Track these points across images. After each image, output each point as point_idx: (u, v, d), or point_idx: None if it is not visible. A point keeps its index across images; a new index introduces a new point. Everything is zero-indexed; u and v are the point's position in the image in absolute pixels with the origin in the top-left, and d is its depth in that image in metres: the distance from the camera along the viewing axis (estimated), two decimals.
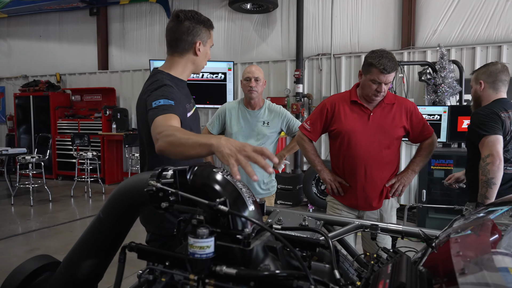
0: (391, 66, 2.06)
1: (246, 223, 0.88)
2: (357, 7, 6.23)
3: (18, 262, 3.88)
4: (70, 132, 8.10)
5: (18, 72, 9.52)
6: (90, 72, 8.73)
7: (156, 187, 0.92)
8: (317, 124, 2.35)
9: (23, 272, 1.17)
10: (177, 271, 0.86)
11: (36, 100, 8.55)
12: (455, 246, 0.89)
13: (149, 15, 8.03)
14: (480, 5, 5.41)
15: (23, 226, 5.12)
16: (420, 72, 5.17)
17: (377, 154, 2.19)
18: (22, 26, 9.41)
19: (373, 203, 2.23)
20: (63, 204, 6.23)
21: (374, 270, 1.11)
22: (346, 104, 2.29)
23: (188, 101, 1.78)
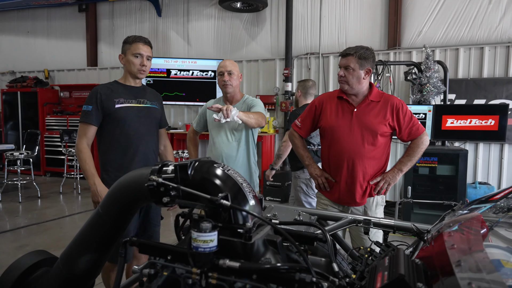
0: (346, 50, 2.22)
1: (247, 217, 0.88)
2: (345, 7, 6.27)
3: (7, 259, 3.81)
4: (58, 129, 7.95)
5: (5, 68, 9.29)
6: (79, 69, 8.58)
7: (157, 182, 0.91)
8: (306, 120, 2.42)
9: (20, 268, 1.14)
10: (179, 265, 0.85)
11: (24, 96, 8.36)
12: (449, 239, 0.91)
13: (138, 12, 7.92)
14: (463, 7, 5.50)
15: (11, 222, 5.01)
16: (406, 72, 5.24)
17: (360, 149, 2.20)
18: (9, 21, 9.17)
19: (357, 198, 2.24)
20: (52, 201, 6.12)
21: (368, 263, 1.13)
22: (333, 101, 2.34)
23: (125, 97, 2.26)
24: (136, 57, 2.25)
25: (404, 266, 0.78)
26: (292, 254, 0.97)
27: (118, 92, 2.27)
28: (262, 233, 0.90)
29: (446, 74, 5.03)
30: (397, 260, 0.82)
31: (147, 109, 2.33)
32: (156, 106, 2.39)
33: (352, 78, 2.20)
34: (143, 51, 2.26)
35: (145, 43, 2.28)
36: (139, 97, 2.31)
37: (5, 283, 1.12)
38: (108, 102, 2.21)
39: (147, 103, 2.33)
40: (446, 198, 2.66)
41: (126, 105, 2.25)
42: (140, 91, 2.36)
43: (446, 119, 4.59)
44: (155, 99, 2.41)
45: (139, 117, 2.27)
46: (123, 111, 2.23)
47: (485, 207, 1.27)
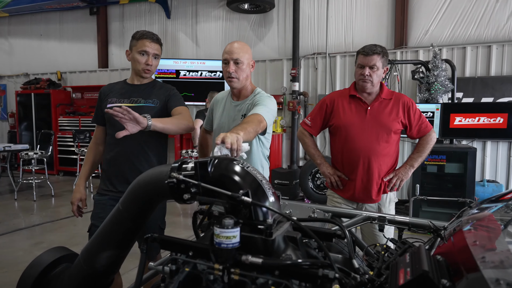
0: (370, 48, 2.15)
1: (267, 213, 0.87)
2: (351, 8, 6.23)
3: (24, 256, 3.85)
4: (71, 129, 8.02)
5: (19, 70, 9.38)
6: (91, 70, 8.64)
7: (178, 179, 0.91)
8: (317, 119, 2.37)
9: (42, 263, 1.15)
10: (200, 261, 0.85)
11: (38, 98, 8.44)
12: (470, 236, 0.89)
13: (148, 14, 7.95)
14: (470, 6, 5.43)
15: (26, 220, 5.06)
16: (413, 71, 5.19)
17: (375, 147, 2.19)
18: (23, 25, 9.26)
19: (373, 195, 2.23)
20: (65, 199, 6.17)
21: (385, 260, 1.11)
22: (345, 99, 2.30)
23: (118, 97, 2.08)
24: (141, 55, 2.05)
25: (427, 263, 0.76)
26: (311, 250, 0.95)
27: (115, 92, 2.13)
28: (282, 230, 0.89)
29: (453, 72, 4.97)
30: (419, 256, 0.81)
31: (137, 109, 1.88)
32: (152, 104, 2.06)
33: (376, 77, 2.18)
34: (149, 49, 2.05)
35: (152, 40, 2.06)
36: (134, 95, 2.09)
37: (28, 278, 1.13)
38: (104, 102, 2.11)
39: (140, 101, 2.06)
40: (455, 196, 2.63)
41: (115, 105, 2.01)
42: (142, 89, 2.11)
43: (454, 118, 4.53)
44: (156, 95, 2.09)
45: None
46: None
47: (496, 207, 1.25)
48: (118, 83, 2.20)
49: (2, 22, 9.44)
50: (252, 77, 7.43)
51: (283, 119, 6.71)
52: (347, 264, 0.94)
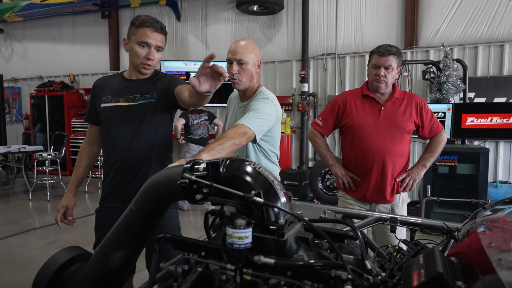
0: (386, 48, 2.13)
1: (279, 214, 0.87)
2: (361, 8, 6.19)
3: (38, 255, 3.90)
4: (83, 131, 8.12)
5: (33, 73, 9.55)
6: (102, 73, 8.74)
7: (190, 179, 0.91)
8: (328, 119, 2.34)
9: (56, 263, 1.16)
10: (213, 261, 0.85)
11: (51, 100, 8.58)
12: (485, 237, 0.88)
13: (158, 17, 8.01)
14: (482, 5, 5.35)
15: (40, 220, 5.14)
16: (424, 71, 5.13)
17: (390, 147, 2.18)
18: (37, 29, 9.43)
19: (387, 195, 2.22)
20: (77, 199, 6.15)
21: (397, 261, 1.10)
22: (357, 99, 2.28)
23: (114, 95, 1.79)
24: (141, 47, 1.69)
25: (441, 264, 0.75)
26: (323, 251, 0.95)
27: (109, 88, 1.83)
28: (294, 230, 0.88)
29: (465, 72, 4.89)
30: (433, 258, 0.80)
31: (135, 108, 1.75)
32: (150, 99, 1.76)
33: (391, 77, 2.17)
34: (151, 40, 1.69)
35: (155, 30, 1.69)
36: (131, 93, 1.78)
37: (43, 277, 1.14)
38: (98, 100, 1.83)
39: (138, 99, 1.75)
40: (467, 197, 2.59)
41: (110, 105, 1.78)
42: (140, 85, 1.79)
43: (466, 118, 4.47)
44: (154, 88, 1.79)
45: (122, 119, 1.75)
46: (105, 113, 1.79)
47: (510, 208, 1.23)
48: (115, 77, 1.88)
49: (17, 26, 9.62)
50: (261, 79, 7.45)
51: (293, 120, 6.70)
52: (359, 265, 0.93)
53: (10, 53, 9.95)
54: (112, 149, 1.78)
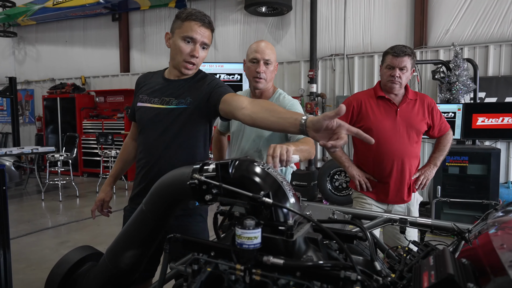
0: (401, 49, 2.10)
1: (288, 214, 0.87)
2: (369, 8, 6.15)
3: (50, 254, 3.94)
4: (94, 132, 8.21)
5: (45, 76, 9.69)
6: (113, 75, 8.84)
7: (200, 180, 0.91)
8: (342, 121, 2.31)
9: (69, 262, 1.18)
10: (222, 261, 0.85)
11: (63, 102, 8.70)
12: (497, 239, 0.86)
13: (168, 19, 8.07)
14: (493, 3, 5.27)
15: (53, 220, 5.21)
16: (434, 70, 5.07)
17: (408, 149, 2.17)
18: (49, 32, 9.57)
19: (405, 196, 2.21)
20: (89, 200, 6.32)
21: (407, 263, 1.09)
22: (372, 100, 2.24)
23: (150, 95, 1.66)
24: (186, 42, 1.53)
25: (452, 266, 0.74)
26: (332, 252, 0.94)
27: (148, 86, 1.70)
28: (303, 231, 0.88)
29: (476, 72, 4.82)
30: (443, 259, 0.79)
31: (167, 112, 1.61)
32: (184, 105, 1.60)
33: (405, 78, 2.15)
34: (198, 35, 1.52)
35: (203, 24, 1.53)
36: (166, 94, 1.63)
37: (56, 276, 1.16)
38: (136, 97, 1.73)
39: (172, 103, 1.60)
40: (478, 198, 2.55)
41: (144, 105, 1.67)
42: (178, 86, 1.63)
43: (476, 118, 4.40)
44: (191, 92, 1.61)
45: (153, 122, 1.63)
46: (139, 113, 1.69)
47: None
48: (156, 74, 1.75)
49: (30, 30, 9.78)
50: None
51: None
52: (369, 266, 0.93)
53: (23, 56, 10.12)
54: (143, 150, 1.68)
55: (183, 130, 1.60)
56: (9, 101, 8.81)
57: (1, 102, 10.37)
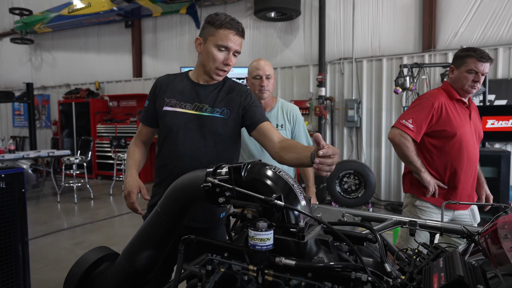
0: (486, 54, 2.00)
1: (299, 216, 0.88)
2: (377, 12, 6.12)
3: (66, 254, 4.00)
4: (108, 136, 8.33)
5: (61, 81, 9.87)
6: (126, 80, 8.96)
7: (214, 183, 0.93)
8: (422, 124, 2.08)
9: (87, 261, 1.21)
10: (235, 262, 0.87)
11: (78, 106, 8.85)
12: (507, 241, 0.86)
13: (179, 25, 8.16)
14: (502, 6, 5.20)
15: (68, 221, 5.30)
16: (442, 74, 5.02)
17: (477, 154, 2.14)
18: (65, 39, 9.76)
19: (473, 201, 2.18)
20: (103, 202, 6.41)
21: (417, 265, 1.09)
22: (450, 103, 2.10)
23: (178, 98, 1.62)
24: (220, 50, 1.53)
25: (462, 267, 0.75)
26: (342, 253, 0.95)
27: (175, 90, 1.64)
28: (314, 233, 0.89)
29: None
30: (453, 261, 0.79)
31: (203, 119, 1.59)
32: (220, 115, 1.60)
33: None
34: (232, 44, 1.52)
35: (237, 33, 1.53)
36: (198, 100, 1.61)
37: (74, 275, 1.19)
38: (160, 100, 1.65)
39: (207, 110, 1.59)
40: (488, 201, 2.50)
41: (175, 110, 1.60)
42: (210, 92, 1.62)
43: (486, 120, 4.34)
44: (226, 102, 1.63)
45: (188, 128, 1.60)
46: (169, 118, 1.61)
47: None
48: (179, 77, 1.69)
49: (46, 37, 9.99)
50: (279, 83, 7.42)
51: (310, 123, 6.68)
52: (379, 268, 0.93)
53: (40, 62, 10.33)
54: (175, 155, 1.61)
55: (221, 139, 1.61)
56: (26, 106, 8.99)
57: (18, 107, 10.59)
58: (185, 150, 1.59)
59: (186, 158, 1.59)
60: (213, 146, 1.60)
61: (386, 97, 6.03)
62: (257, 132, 1.57)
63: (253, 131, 1.59)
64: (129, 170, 1.66)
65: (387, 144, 6.03)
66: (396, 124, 2.14)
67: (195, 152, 1.59)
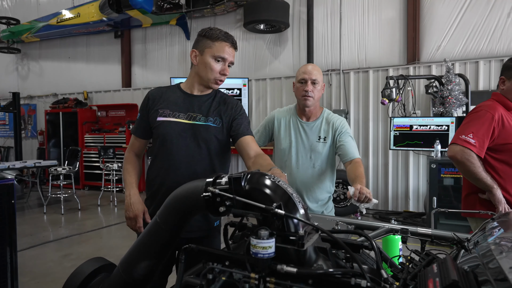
0: None
1: (299, 225, 0.90)
2: (364, 25, 6.28)
3: (53, 267, 3.91)
4: (96, 146, 8.23)
5: (48, 91, 9.75)
6: (115, 90, 8.90)
7: (214, 193, 0.94)
8: (484, 138, 1.95)
9: (83, 273, 1.20)
10: (237, 270, 0.88)
11: (65, 116, 8.73)
12: (496, 247, 0.90)
13: (169, 36, 8.19)
14: (482, 21, 5.41)
15: (55, 233, 5.18)
16: (427, 85, 5.17)
17: None
18: (53, 48, 9.67)
19: None
20: (91, 213, 6.30)
21: (410, 271, 1.12)
22: (507, 113, 2.01)
23: (172, 109, 1.67)
24: (217, 61, 1.61)
25: (456, 272, 0.77)
26: (339, 260, 0.97)
27: (168, 101, 1.68)
28: (312, 241, 0.91)
29: (467, 86, 4.93)
30: (447, 266, 0.82)
31: (196, 128, 1.65)
32: (213, 124, 1.67)
33: None
34: (228, 55, 1.62)
35: (232, 45, 1.64)
36: (192, 110, 1.67)
37: (71, 287, 1.18)
38: (153, 112, 1.69)
39: (200, 119, 1.65)
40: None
41: (169, 120, 1.65)
42: (202, 102, 1.69)
43: None
44: (217, 112, 1.70)
45: (182, 137, 1.64)
46: (163, 128, 1.65)
47: None
48: (171, 89, 1.74)
49: (34, 46, 9.88)
50: (268, 94, 7.50)
51: None
52: (375, 274, 0.96)
53: (27, 71, 10.19)
54: (169, 164, 1.64)
55: (215, 147, 1.67)
56: (11, 115, 8.82)
57: (3, 117, 10.39)
58: (180, 158, 1.64)
59: (181, 165, 1.63)
60: (207, 154, 1.66)
61: (373, 108, 6.15)
62: (238, 144, 1.65)
63: (235, 143, 1.68)
64: (131, 189, 1.70)
65: (374, 153, 6.13)
66: (455, 140, 1.99)
67: (190, 159, 1.64)
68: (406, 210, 5.87)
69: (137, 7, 6.99)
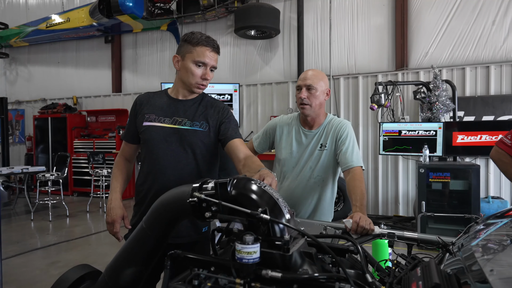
0: None
1: (284, 230, 0.90)
2: (353, 32, 6.36)
3: (40, 275, 3.85)
4: (85, 151, 8.13)
5: (37, 96, 9.62)
6: (105, 95, 8.83)
7: (200, 198, 0.94)
8: None
9: (68, 280, 1.18)
10: (222, 276, 0.87)
11: (54, 122, 8.62)
12: (478, 250, 0.91)
13: (160, 42, 8.18)
14: (467, 29, 5.52)
15: (42, 240, 5.09)
16: (415, 91, 5.24)
17: None
18: (42, 53, 9.57)
19: None
20: (79, 219, 6.21)
21: (396, 275, 1.12)
22: None
23: (158, 114, 1.67)
24: (198, 66, 1.61)
25: (438, 276, 0.78)
26: (325, 265, 0.97)
27: (154, 106, 1.69)
28: (298, 245, 0.92)
29: (454, 92, 5.01)
30: (430, 270, 0.83)
31: (182, 133, 1.65)
32: (200, 128, 1.66)
33: None
34: (209, 60, 1.61)
35: (213, 49, 1.63)
36: (177, 114, 1.67)
37: None
38: (140, 116, 1.70)
39: (186, 124, 1.65)
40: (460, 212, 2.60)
41: (154, 125, 1.66)
42: (188, 107, 1.68)
43: (456, 136, 4.54)
44: (204, 116, 1.69)
45: (167, 142, 1.64)
46: (148, 133, 1.65)
47: (501, 222, 1.26)
48: (158, 95, 1.75)
49: (22, 51, 9.76)
50: (259, 99, 7.53)
51: None
52: (360, 278, 0.96)
53: (15, 76, 10.05)
54: (156, 169, 1.64)
55: (201, 152, 1.66)
56: None
57: None
58: (165, 163, 1.63)
59: (168, 170, 1.63)
60: (193, 158, 1.66)
61: (363, 113, 6.21)
62: (227, 148, 1.65)
63: (224, 147, 1.67)
64: (113, 194, 1.70)
65: (364, 158, 6.17)
66: (496, 142, 2.16)
67: (176, 164, 1.64)
68: (396, 215, 5.91)
69: (128, 12, 6.97)
